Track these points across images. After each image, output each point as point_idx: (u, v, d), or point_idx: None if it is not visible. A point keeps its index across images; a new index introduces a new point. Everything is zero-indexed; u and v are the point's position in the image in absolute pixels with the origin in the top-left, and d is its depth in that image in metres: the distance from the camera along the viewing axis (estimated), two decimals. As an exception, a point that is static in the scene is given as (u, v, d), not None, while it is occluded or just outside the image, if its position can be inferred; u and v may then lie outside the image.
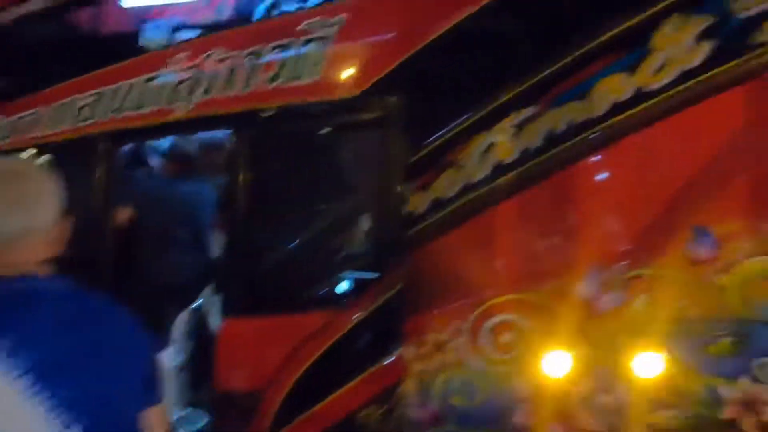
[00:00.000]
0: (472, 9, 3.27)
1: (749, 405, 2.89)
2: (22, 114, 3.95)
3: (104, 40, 4.33)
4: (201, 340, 4.23)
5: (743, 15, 3.18)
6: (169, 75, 3.76)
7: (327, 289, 3.53)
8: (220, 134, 4.18)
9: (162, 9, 4.65)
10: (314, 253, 3.64)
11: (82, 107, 3.86)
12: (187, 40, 3.81)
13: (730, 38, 3.20)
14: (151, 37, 4.09)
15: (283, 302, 3.51)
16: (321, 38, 3.51)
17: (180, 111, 3.68)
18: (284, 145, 3.65)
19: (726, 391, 2.93)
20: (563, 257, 3.16)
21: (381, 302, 3.24)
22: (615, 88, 3.17)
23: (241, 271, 3.57)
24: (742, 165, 3.05)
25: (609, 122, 3.27)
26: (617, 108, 3.29)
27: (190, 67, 3.74)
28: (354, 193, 3.67)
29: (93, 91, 3.86)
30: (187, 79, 3.71)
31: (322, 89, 3.46)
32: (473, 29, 3.29)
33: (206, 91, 3.67)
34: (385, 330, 3.28)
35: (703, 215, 3.06)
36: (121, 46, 4.15)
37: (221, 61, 3.69)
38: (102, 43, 4.29)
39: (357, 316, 3.30)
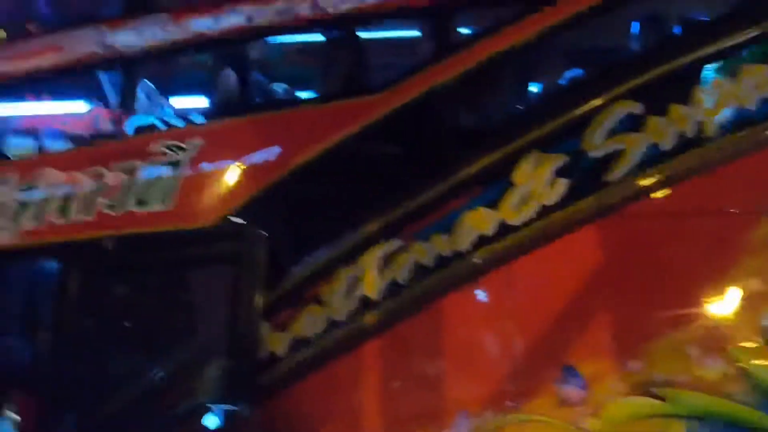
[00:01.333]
0: (336, 139, 2.44)
1: None
2: None
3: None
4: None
5: (595, 154, 2.81)
6: None
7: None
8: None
9: (33, 119, 3.46)
10: (150, 403, 2.53)
11: None
12: (19, 159, 2.68)
13: (584, 176, 2.81)
14: (18, 146, 2.89)
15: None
16: (174, 162, 2.52)
17: (2, 238, 2.52)
18: (127, 278, 2.56)
19: None
20: (431, 401, 2.29)
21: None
22: (479, 222, 2.41)
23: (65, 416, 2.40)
24: (605, 301, 2.30)
25: (475, 256, 2.68)
26: (482, 242, 2.73)
27: (22, 189, 2.60)
28: (203, 332, 2.62)
29: None
30: (16, 202, 2.56)
31: (173, 217, 2.43)
32: (337, 159, 2.48)
33: (36, 217, 2.54)
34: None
35: (571, 354, 2.32)
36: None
37: (57, 182, 2.59)
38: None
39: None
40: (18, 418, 2.91)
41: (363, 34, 3.23)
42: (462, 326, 2.72)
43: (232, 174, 2.89)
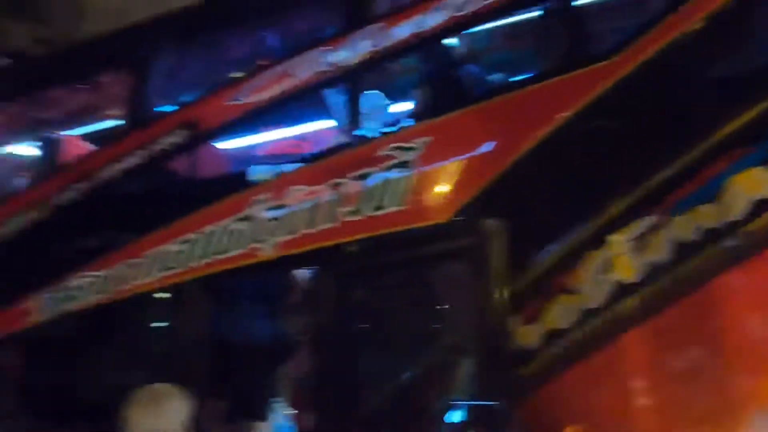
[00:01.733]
0: (571, 111, 2.12)
1: None
2: (118, 266, 3.03)
3: (201, 184, 3.43)
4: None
5: None
6: (252, 216, 2.77)
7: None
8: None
9: (267, 146, 3.74)
10: (403, 401, 2.46)
11: (172, 254, 2.91)
12: (268, 180, 2.83)
13: None
14: (260, 172, 3.08)
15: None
16: (403, 163, 2.44)
17: (264, 252, 2.66)
18: (373, 279, 2.55)
19: None
20: (713, 398, 2.28)
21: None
22: (754, 185, 2.35)
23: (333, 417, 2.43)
24: None
25: (753, 225, 2.34)
26: (762, 207, 2.34)
27: (273, 207, 2.74)
28: (449, 329, 2.50)
29: (183, 238, 2.91)
30: (270, 219, 2.70)
31: (408, 217, 2.35)
32: (573, 134, 2.14)
33: (289, 230, 2.64)
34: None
35: None
36: (218, 188, 3.19)
37: (302, 197, 2.68)
38: (199, 188, 3.39)
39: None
40: (293, 413, 3.06)
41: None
42: (745, 309, 2.22)
43: (460, 168, 2.74)
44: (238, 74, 3.66)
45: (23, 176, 4.57)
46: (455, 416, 2.69)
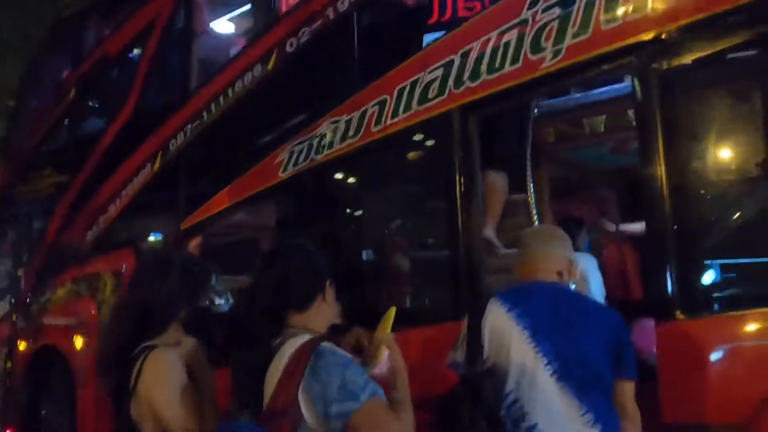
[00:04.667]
0: None
1: None
2: (367, 106, 2.65)
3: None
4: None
5: None
6: (525, 22, 2.17)
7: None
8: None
9: None
10: None
11: (429, 84, 2.45)
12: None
13: None
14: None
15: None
16: None
17: (546, 62, 2.08)
18: (711, 73, 1.87)
19: None
20: None
21: None
22: None
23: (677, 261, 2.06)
24: None
25: None
26: None
27: (553, 5, 2.11)
28: None
29: (438, 64, 2.42)
30: (551, 21, 2.09)
31: None
32: None
33: (580, 29, 2.02)
34: None
35: None
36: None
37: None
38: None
39: None
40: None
41: None
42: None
43: None
44: None
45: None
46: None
